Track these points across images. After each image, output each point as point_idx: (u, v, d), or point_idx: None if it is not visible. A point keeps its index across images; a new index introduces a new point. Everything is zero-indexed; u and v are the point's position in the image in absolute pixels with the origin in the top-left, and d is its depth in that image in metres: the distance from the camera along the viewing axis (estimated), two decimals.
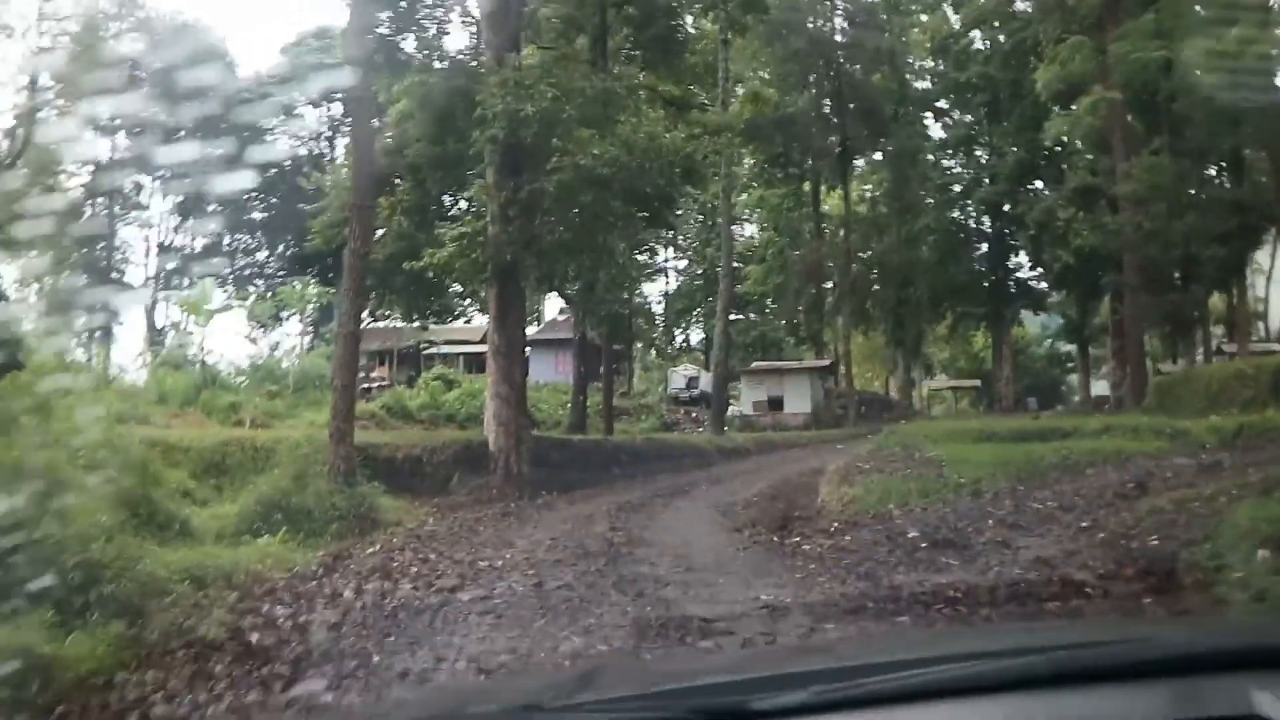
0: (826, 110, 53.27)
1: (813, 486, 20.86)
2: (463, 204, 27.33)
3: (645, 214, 25.49)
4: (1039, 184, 54.78)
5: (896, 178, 55.92)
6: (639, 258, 30.58)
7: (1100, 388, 56.09)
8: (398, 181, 26.83)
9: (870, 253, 57.96)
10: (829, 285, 56.19)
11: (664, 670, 3.89)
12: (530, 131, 22.02)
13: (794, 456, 32.09)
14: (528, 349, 30.20)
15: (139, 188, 63.59)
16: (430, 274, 24.00)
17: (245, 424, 30.94)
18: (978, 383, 69.51)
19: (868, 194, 61.06)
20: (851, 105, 51.84)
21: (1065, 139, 46.40)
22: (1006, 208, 57.25)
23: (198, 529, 15.69)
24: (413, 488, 22.28)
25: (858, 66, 52.14)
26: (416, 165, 25.42)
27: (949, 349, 76.24)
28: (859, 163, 57.80)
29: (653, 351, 70.01)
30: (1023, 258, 59.37)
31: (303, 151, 62.15)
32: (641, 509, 19.15)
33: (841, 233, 55.05)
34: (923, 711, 2.01)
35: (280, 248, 63.20)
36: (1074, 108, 40.54)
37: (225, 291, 56.36)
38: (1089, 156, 45.21)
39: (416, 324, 49.36)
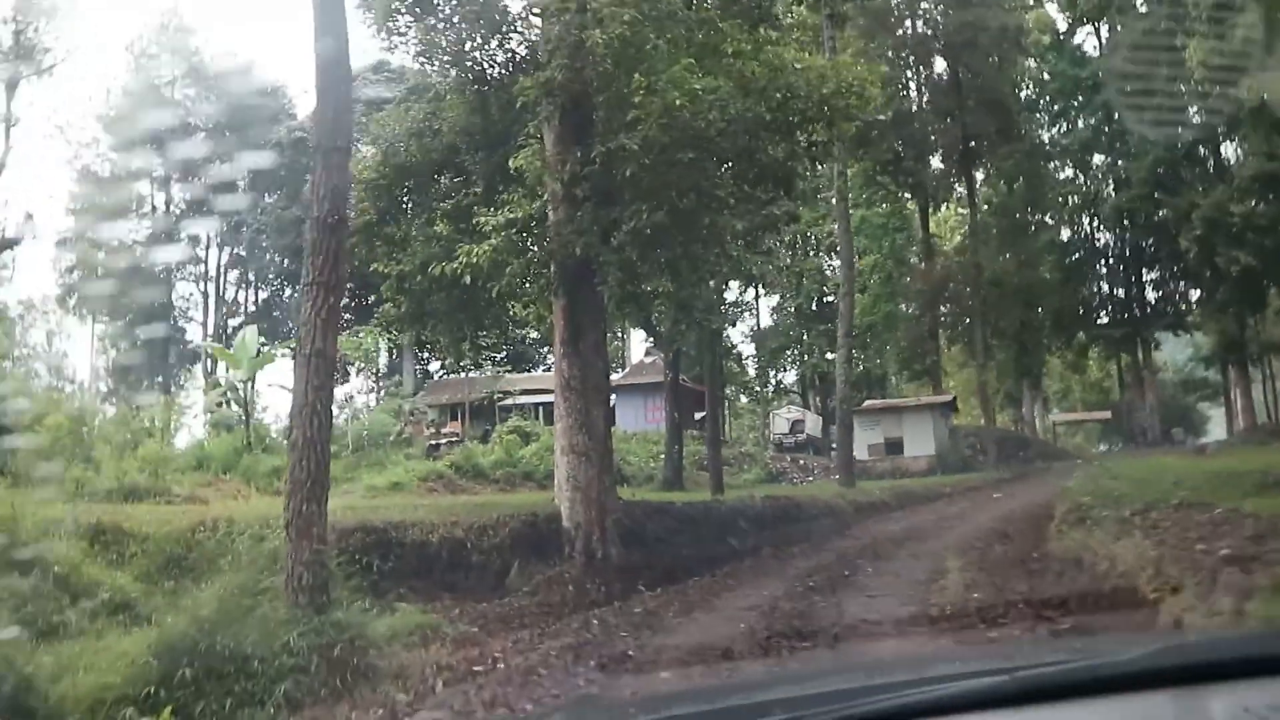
0: (944, 106, 45.23)
1: (1039, 570, 13.29)
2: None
3: (764, 188, 17.63)
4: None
5: (1020, 187, 47.74)
6: (751, 262, 22.47)
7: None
8: (437, 179, 19.70)
9: (988, 273, 49.65)
10: (943, 311, 48.23)
11: (646, 702, 3.64)
12: (601, 69, 14.76)
13: (953, 513, 24.27)
14: (611, 385, 22.45)
15: (195, 240, 58.14)
16: (472, 282, 16.36)
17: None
18: (1107, 414, 60.31)
19: (983, 209, 52.58)
20: (971, 101, 43.74)
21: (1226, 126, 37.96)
22: (1140, 219, 48.62)
23: (59, 699, 8.63)
24: (453, 585, 14.89)
25: (978, 52, 43.62)
26: (453, 146, 18.20)
27: (1061, 380, 67.36)
28: (978, 175, 49.42)
29: (743, 397, 62.49)
30: (1156, 273, 50.84)
31: None
32: (801, 621, 11.53)
33: (964, 245, 46.96)
34: None
35: (346, 299, 56.84)
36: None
37: (279, 345, 49.82)
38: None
39: (487, 370, 42.72)
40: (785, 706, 2.14)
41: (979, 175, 49.65)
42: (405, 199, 20.02)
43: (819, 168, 27.45)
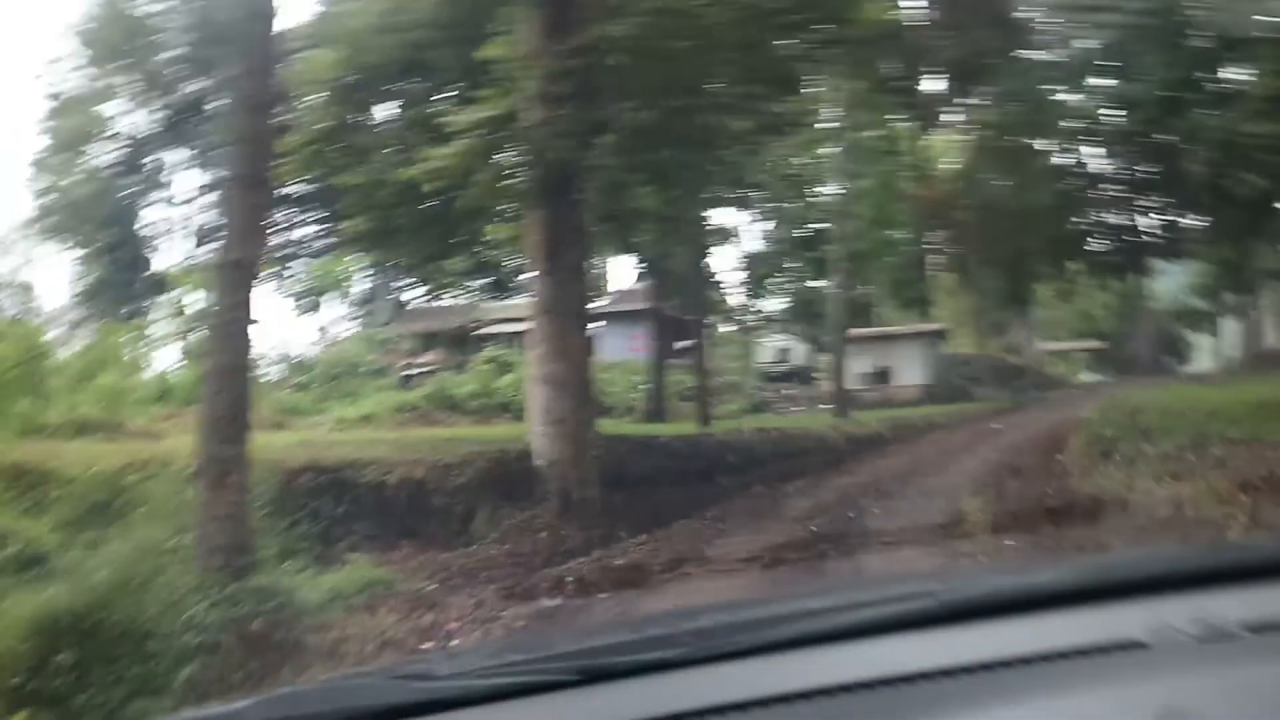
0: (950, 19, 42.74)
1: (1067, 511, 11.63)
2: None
3: (766, 87, 15.52)
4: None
5: (1021, 108, 45.50)
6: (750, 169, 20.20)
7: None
8: (403, 79, 17.60)
9: (982, 198, 47.66)
10: (935, 237, 46.27)
11: (576, 634, 3.61)
12: None
13: (956, 445, 22.67)
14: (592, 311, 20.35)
15: (162, 164, 55.39)
16: (439, 193, 14.32)
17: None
18: (1098, 344, 58.61)
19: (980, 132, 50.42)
20: (978, 14, 41.28)
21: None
22: (1143, 142, 46.40)
23: None
24: (414, 532, 13.14)
25: None
26: (420, 41, 16.12)
27: (1050, 308, 65.51)
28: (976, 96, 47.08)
29: (726, 326, 60.72)
30: (1156, 199, 48.72)
31: None
32: (810, 575, 9.87)
33: (960, 170, 44.77)
34: (815, 655, 1.96)
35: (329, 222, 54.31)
36: None
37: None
38: None
39: (465, 298, 40.88)
40: (702, 636, 2.09)
41: (977, 97, 47.46)
42: (369, 101, 18.00)
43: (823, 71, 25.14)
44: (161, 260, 56.66)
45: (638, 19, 12.84)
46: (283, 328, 74.23)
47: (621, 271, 58.43)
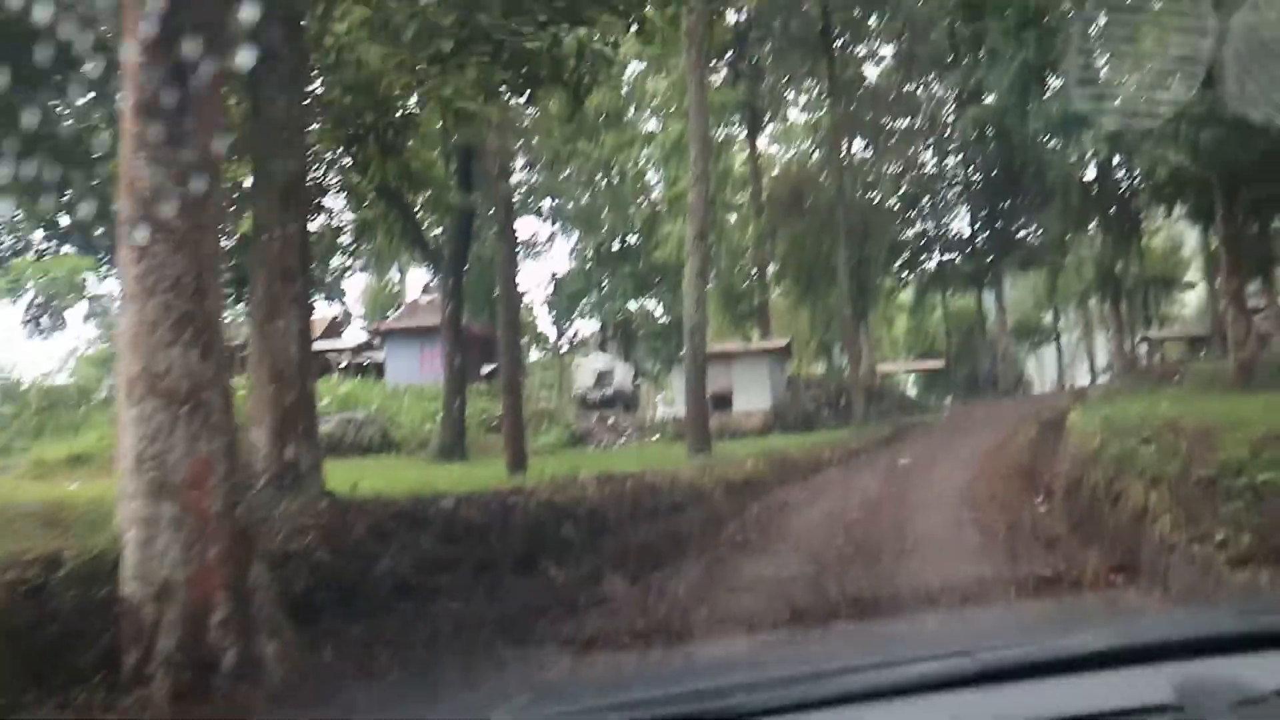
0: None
1: None
2: None
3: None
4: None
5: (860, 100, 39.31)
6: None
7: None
8: None
9: (819, 200, 41.20)
10: (773, 243, 39.69)
11: (607, 688, 3.17)
12: None
13: (870, 490, 15.64)
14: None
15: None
16: None
17: None
18: (940, 364, 52.86)
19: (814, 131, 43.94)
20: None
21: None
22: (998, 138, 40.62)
23: None
24: None
25: None
26: None
27: (885, 325, 60.08)
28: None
29: (535, 350, 53.30)
30: (1010, 202, 43.24)
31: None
32: None
33: (797, 168, 38.24)
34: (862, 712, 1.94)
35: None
36: None
37: None
38: None
39: None
40: (747, 690, 2.05)
41: (812, 92, 41.28)
42: None
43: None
44: None
45: None
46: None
47: (413, 281, 50.65)
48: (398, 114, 12.00)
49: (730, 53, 36.14)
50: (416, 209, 26.46)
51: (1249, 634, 2.12)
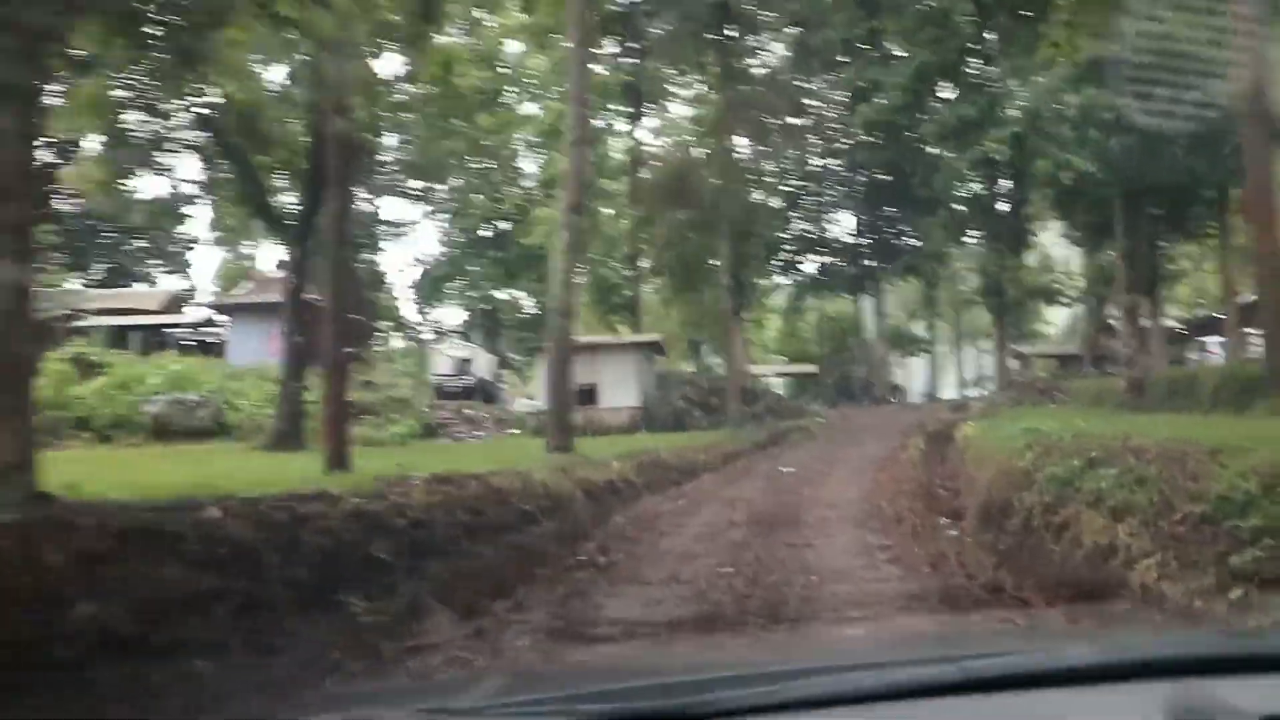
0: None
1: None
2: None
3: None
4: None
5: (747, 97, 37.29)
6: None
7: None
8: None
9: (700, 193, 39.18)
10: (647, 235, 37.59)
11: (587, 675, 3.31)
12: None
13: (752, 500, 13.76)
14: None
15: None
16: None
17: None
18: (814, 369, 51.31)
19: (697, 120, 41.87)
20: None
21: None
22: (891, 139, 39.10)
23: None
24: None
25: None
26: None
27: (756, 328, 58.51)
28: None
29: (398, 336, 50.40)
30: (898, 208, 41.90)
31: None
32: None
33: (679, 159, 36.11)
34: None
35: None
36: None
37: None
38: None
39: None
40: (731, 684, 2.00)
41: (699, 80, 39.27)
42: None
43: None
44: None
45: None
46: None
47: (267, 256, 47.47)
48: None
49: (617, 34, 33.98)
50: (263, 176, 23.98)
51: (1238, 656, 2.08)
